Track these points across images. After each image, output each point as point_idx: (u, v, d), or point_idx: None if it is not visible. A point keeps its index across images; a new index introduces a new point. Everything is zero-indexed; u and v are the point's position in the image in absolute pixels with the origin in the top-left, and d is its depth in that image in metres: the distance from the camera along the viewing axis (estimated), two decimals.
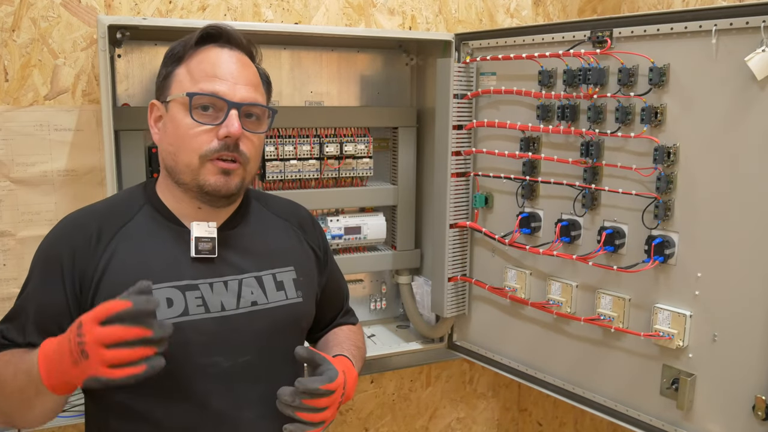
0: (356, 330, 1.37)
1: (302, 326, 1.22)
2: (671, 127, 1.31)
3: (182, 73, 1.08)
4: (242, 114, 1.06)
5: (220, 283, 1.09)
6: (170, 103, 1.08)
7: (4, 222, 1.56)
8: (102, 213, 1.10)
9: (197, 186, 1.06)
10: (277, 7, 1.75)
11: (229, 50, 1.09)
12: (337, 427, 2.05)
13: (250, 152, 1.08)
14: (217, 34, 1.09)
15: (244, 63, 1.10)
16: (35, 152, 1.56)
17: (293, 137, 1.73)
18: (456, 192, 1.73)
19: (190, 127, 1.04)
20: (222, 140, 1.04)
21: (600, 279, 1.46)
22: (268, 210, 1.24)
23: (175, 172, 1.08)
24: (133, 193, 1.15)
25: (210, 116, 1.05)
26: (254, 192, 1.27)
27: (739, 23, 1.18)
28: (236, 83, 1.06)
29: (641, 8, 2.01)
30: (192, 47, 1.09)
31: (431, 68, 1.84)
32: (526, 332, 1.66)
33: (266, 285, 1.14)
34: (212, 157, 1.04)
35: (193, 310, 1.05)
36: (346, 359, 1.18)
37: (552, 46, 1.51)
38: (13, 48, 1.52)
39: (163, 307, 1.03)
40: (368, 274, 1.99)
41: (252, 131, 1.08)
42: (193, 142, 1.04)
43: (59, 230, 1.10)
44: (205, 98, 1.04)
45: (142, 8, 1.61)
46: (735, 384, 1.26)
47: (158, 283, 1.03)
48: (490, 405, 2.31)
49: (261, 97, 1.11)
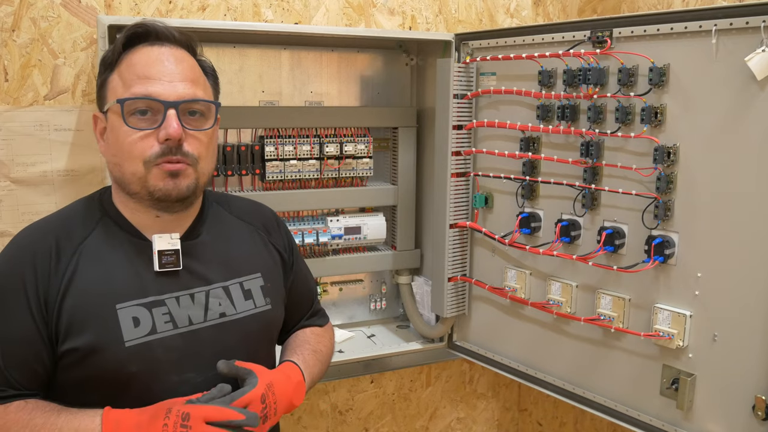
0: (320, 332, 1.31)
1: (272, 334, 1.20)
2: (671, 127, 1.31)
3: (115, 80, 1.02)
4: (183, 112, 1.01)
5: (187, 296, 1.05)
6: (108, 113, 1.03)
7: (4, 222, 1.55)
8: (58, 228, 1.04)
9: (148, 193, 1.01)
10: (277, 7, 1.75)
11: (159, 47, 1.03)
12: (337, 426, 2.05)
13: (197, 151, 1.02)
14: (145, 32, 1.03)
15: (179, 58, 1.04)
16: (35, 152, 1.56)
17: (293, 137, 1.73)
18: (456, 192, 1.73)
19: (129, 134, 0.99)
20: (163, 143, 0.99)
21: (600, 279, 1.46)
22: (231, 214, 1.20)
23: (123, 183, 1.03)
24: (88, 206, 1.09)
25: (148, 120, 0.99)
26: (215, 195, 1.23)
27: (739, 23, 1.18)
28: (171, 81, 1.00)
29: (641, 8, 2.01)
30: (121, 50, 1.03)
31: (431, 68, 1.84)
32: (526, 332, 1.66)
33: (234, 295, 1.10)
34: (157, 162, 0.99)
35: (161, 327, 1.01)
36: (291, 365, 1.14)
37: (552, 46, 1.51)
38: (13, 48, 1.52)
39: (129, 327, 0.99)
40: (368, 274, 1.99)
41: (196, 129, 1.02)
42: (134, 149, 0.99)
43: (14, 251, 1.03)
44: (139, 102, 0.99)
45: (142, 8, 1.61)
46: (735, 384, 1.26)
47: (122, 302, 1.00)
48: (490, 405, 2.31)
49: (202, 92, 1.04)
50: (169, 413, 0.92)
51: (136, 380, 0.98)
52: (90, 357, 0.97)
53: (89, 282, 1.00)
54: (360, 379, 2.05)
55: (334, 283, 1.95)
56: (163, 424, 0.91)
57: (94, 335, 0.97)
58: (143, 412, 0.94)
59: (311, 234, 1.77)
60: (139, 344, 0.99)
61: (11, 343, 0.98)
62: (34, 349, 0.97)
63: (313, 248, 1.79)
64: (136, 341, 0.99)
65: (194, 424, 0.91)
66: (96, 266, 1.02)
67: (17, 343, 0.97)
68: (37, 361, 0.98)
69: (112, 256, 1.03)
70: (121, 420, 0.93)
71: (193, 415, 0.91)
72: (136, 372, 0.98)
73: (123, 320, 0.99)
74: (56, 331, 0.98)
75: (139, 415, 0.93)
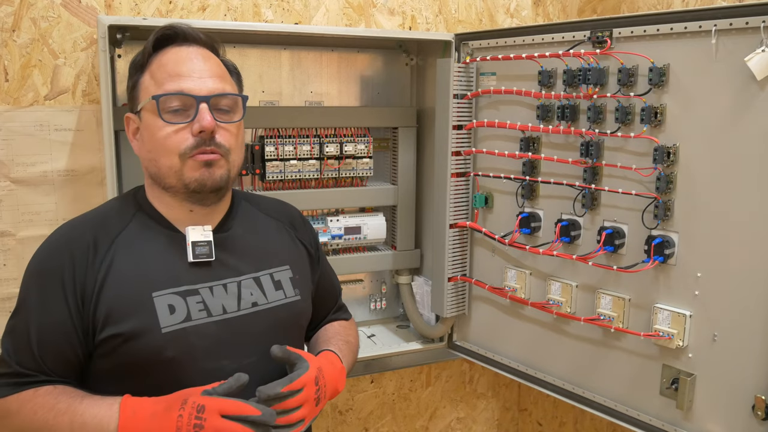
0: (347, 325, 1.37)
1: (302, 324, 1.23)
2: (671, 127, 1.31)
3: (147, 80, 1.08)
4: (213, 106, 1.06)
5: (220, 286, 1.09)
6: (141, 112, 1.08)
7: (4, 222, 1.56)
8: (95, 223, 1.09)
9: (183, 185, 1.06)
10: (277, 7, 1.76)
11: (187, 47, 1.09)
12: (337, 426, 2.05)
13: (229, 143, 1.07)
14: (173, 34, 1.09)
15: (206, 56, 1.10)
16: (35, 152, 1.56)
17: (293, 137, 1.73)
18: (456, 192, 1.73)
19: (164, 128, 1.04)
20: (197, 136, 1.04)
21: (600, 279, 1.47)
22: (259, 210, 1.25)
23: (159, 178, 1.07)
24: (123, 202, 1.15)
25: (181, 115, 1.05)
26: (242, 193, 1.27)
27: (739, 23, 1.18)
28: (201, 77, 1.06)
29: (641, 8, 2.01)
30: (151, 53, 1.09)
31: (431, 68, 1.84)
32: (526, 332, 1.66)
33: (265, 285, 1.14)
34: (192, 154, 1.04)
35: (196, 315, 1.05)
36: (331, 353, 1.18)
37: (552, 46, 1.51)
38: (13, 48, 1.52)
39: (165, 314, 1.03)
40: (368, 274, 1.99)
41: (226, 122, 1.08)
42: (170, 143, 1.04)
43: (54, 243, 1.07)
44: (173, 98, 1.04)
45: (142, 8, 1.61)
46: (735, 384, 1.26)
47: (158, 290, 1.04)
48: (490, 405, 2.32)
49: (230, 87, 1.11)
50: (185, 404, 0.93)
51: (172, 366, 1.01)
52: (128, 343, 1.01)
53: (126, 272, 1.04)
54: (360, 379, 2.05)
55: None
56: (178, 415, 0.92)
57: (132, 322, 1.01)
58: (159, 402, 0.96)
59: None
60: (175, 330, 1.02)
61: (46, 332, 1.01)
62: (68, 338, 1.01)
63: None
64: (172, 327, 1.02)
65: (209, 417, 0.92)
66: (132, 257, 1.06)
67: (52, 332, 1.01)
68: (70, 350, 1.02)
69: (147, 247, 1.08)
70: (138, 408, 0.95)
71: (208, 407, 0.93)
72: (172, 357, 1.01)
73: (159, 307, 1.03)
74: (94, 321, 1.01)
75: (155, 405, 0.96)
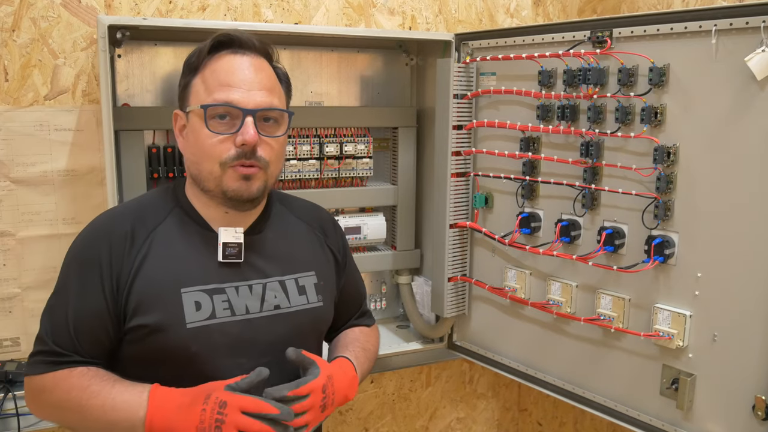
0: (368, 332, 1.38)
1: (321, 329, 1.26)
2: (671, 127, 1.31)
3: (198, 83, 1.11)
4: (259, 119, 1.08)
5: (246, 287, 1.12)
6: (190, 114, 1.11)
7: (4, 222, 1.56)
8: (134, 214, 1.13)
9: (221, 192, 1.09)
10: (277, 7, 1.75)
11: (242, 56, 1.11)
12: (337, 427, 2.05)
13: (269, 156, 1.10)
14: (229, 40, 1.11)
15: (258, 67, 1.11)
16: (35, 152, 1.56)
17: (293, 137, 1.73)
18: (456, 192, 1.73)
19: (208, 137, 1.07)
20: (239, 147, 1.07)
21: (600, 279, 1.46)
22: (292, 213, 1.27)
23: (199, 180, 1.11)
24: (162, 196, 1.18)
25: (226, 125, 1.07)
26: (278, 194, 1.30)
27: (739, 23, 1.18)
28: (250, 90, 1.08)
29: (641, 8, 2.01)
30: (206, 56, 1.11)
31: (431, 68, 1.84)
32: (526, 332, 1.66)
33: (289, 289, 1.17)
34: (232, 164, 1.07)
35: (220, 313, 1.09)
36: (345, 360, 1.20)
37: (552, 46, 1.51)
38: (13, 48, 1.52)
39: (191, 310, 1.07)
40: (368, 274, 1.98)
41: (270, 135, 1.10)
42: (213, 151, 1.07)
43: (94, 231, 1.11)
44: (220, 108, 1.07)
45: (142, 8, 1.61)
46: (735, 384, 1.26)
47: (187, 287, 1.08)
48: (490, 405, 2.32)
49: (278, 100, 1.12)
50: (208, 399, 0.97)
51: (194, 360, 1.05)
52: (154, 334, 1.05)
53: (158, 265, 1.08)
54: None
55: None
56: (202, 409, 0.96)
57: (159, 315, 1.05)
58: (186, 394, 1.00)
59: None
60: (199, 327, 1.06)
61: (82, 315, 1.05)
62: (103, 322, 1.05)
63: None
64: (197, 324, 1.06)
65: (230, 413, 0.96)
66: (165, 252, 1.09)
67: (88, 315, 1.05)
68: (104, 333, 1.06)
69: (181, 244, 1.11)
70: (165, 399, 0.99)
71: (229, 403, 0.96)
72: (195, 352, 1.05)
73: (186, 303, 1.07)
74: (125, 308, 1.05)
75: (182, 396, 1.00)
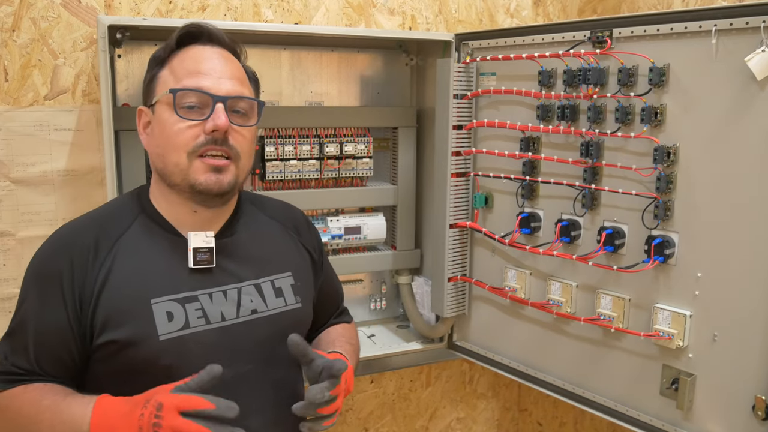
0: (349, 327, 1.36)
1: (302, 331, 1.20)
2: (671, 127, 1.31)
3: (166, 75, 1.07)
4: (229, 108, 1.05)
5: (220, 293, 1.08)
6: (156, 105, 1.07)
7: (4, 222, 1.55)
8: (97, 224, 1.07)
9: (189, 186, 1.04)
10: (277, 7, 1.76)
11: (211, 47, 1.08)
12: (337, 427, 2.05)
13: (241, 146, 1.06)
14: (198, 32, 1.09)
15: (228, 58, 1.09)
16: (35, 152, 1.56)
17: (293, 137, 1.73)
18: (456, 192, 1.73)
19: (176, 123, 1.03)
20: (209, 134, 1.02)
21: (600, 279, 1.46)
22: (264, 213, 1.23)
23: (165, 174, 1.06)
24: (126, 203, 1.12)
25: (196, 113, 1.03)
26: (248, 194, 1.25)
27: (739, 23, 1.18)
28: (220, 77, 1.05)
29: (641, 8, 2.01)
30: (174, 48, 1.08)
31: (431, 68, 1.84)
32: (526, 332, 1.66)
33: (265, 292, 1.13)
34: (200, 152, 1.02)
35: (194, 323, 1.04)
36: (340, 355, 1.17)
37: (552, 46, 1.51)
38: (13, 48, 1.52)
39: (163, 321, 1.01)
40: (368, 274, 1.99)
41: (241, 125, 1.06)
42: (180, 139, 1.02)
43: (54, 244, 1.06)
44: (190, 94, 1.03)
45: (142, 8, 1.61)
46: (735, 384, 1.26)
47: (157, 297, 1.02)
48: (490, 405, 2.31)
49: (247, 91, 1.10)
50: (147, 403, 0.91)
51: (169, 373, 0.99)
52: (125, 350, 1.00)
53: (125, 277, 1.03)
54: (360, 379, 2.05)
55: None
56: (140, 414, 0.90)
57: (130, 329, 1.00)
58: (129, 401, 0.94)
59: None
60: (172, 338, 1.01)
61: (42, 334, 1.00)
62: (64, 341, 1.00)
63: None
64: (170, 335, 1.01)
65: (166, 415, 0.89)
66: (132, 261, 1.04)
67: (48, 333, 1.00)
68: (65, 352, 1.01)
69: (148, 252, 1.06)
70: (109, 408, 0.94)
71: (165, 405, 0.90)
72: (169, 365, 1.00)
73: (157, 314, 1.01)
74: (92, 325, 1.00)
75: (125, 404, 0.94)
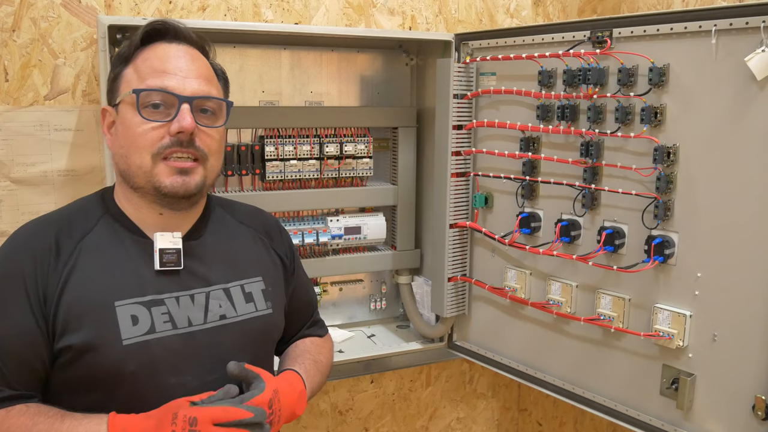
0: (320, 343, 1.30)
1: (272, 339, 1.18)
2: (671, 127, 1.31)
3: (130, 73, 1.03)
4: (196, 109, 1.01)
5: (187, 297, 1.04)
6: (120, 105, 1.02)
7: (4, 222, 1.55)
8: (58, 224, 1.03)
9: (153, 188, 1.00)
10: (277, 7, 1.76)
11: (177, 45, 1.05)
12: (337, 426, 2.05)
13: (208, 147, 1.02)
14: (164, 29, 1.05)
15: (194, 56, 1.05)
16: (35, 152, 1.56)
17: (293, 137, 1.73)
18: (456, 192, 1.73)
19: (140, 124, 0.99)
20: (174, 136, 0.98)
21: (600, 279, 1.46)
22: (233, 217, 1.19)
23: (128, 176, 1.02)
24: (89, 203, 1.08)
25: (161, 113, 0.99)
26: (217, 199, 1.22)
27: (739, 23, 1.18)
28: (186, 77, 1.01)
29: (641, 8, 2.01)
30: (138, 46, 1.04)
31: (431, 68, 1.84)
32: (526, 332, 1.66)
33: (234, 297, 1.09)
34: (165, 155, 0.99)
35: (160, 327, 1.00)
36: (293, 373, 1.12)
37: (552, 46, 1.51)
38: (13, 48, 1.52)
39: (127, 325, 0.97)
40: (368, 274, 1.99)
41: (207, 126, 1.02)
42: (144, 140, 0.98)
43: (14, 245, 1.01)
44: (154, 94, 0.99)
45: (142, 8, 1.61)
46: (735, 384, 1.26)
47: (121, 299, 0.99)
48: (490, 405, 2.32)
49: (215, 90, 1.06)
50: (176, 418, 0.89)
51: (132, 380, 0.96)
52: (87, 354, 0.95)
53: (88, 278, 0.98)
54: (360, 379, 2.05)
55: (334, 283, 1.95)
56: (171, 430, 0.89)
57: (91, 332, 0.95)
58: (149, 418, 0.92)
59: (311, 234, 1.77)
60: (137, 343, 0.97)
61: (11, 340, 0.96)
62: (34, 345, 0.96)
63: (313, 248, 1.79)
64: (134, 339, 0.97)
65: (203, 428, 0.89)
66: (95, 262, 1.00)
67: (17, 339, 0.95)
68: (37, 359, 0.96)
69: (112, 253, 1.02)
70: (128, 427, 0.91)
71: (200, 418, 0.89)
72: (133, 371, 0.96)
73: (121, 318, 0.97)
74: (53, 327, 0.96)
75: (145, 421, 0.91)
